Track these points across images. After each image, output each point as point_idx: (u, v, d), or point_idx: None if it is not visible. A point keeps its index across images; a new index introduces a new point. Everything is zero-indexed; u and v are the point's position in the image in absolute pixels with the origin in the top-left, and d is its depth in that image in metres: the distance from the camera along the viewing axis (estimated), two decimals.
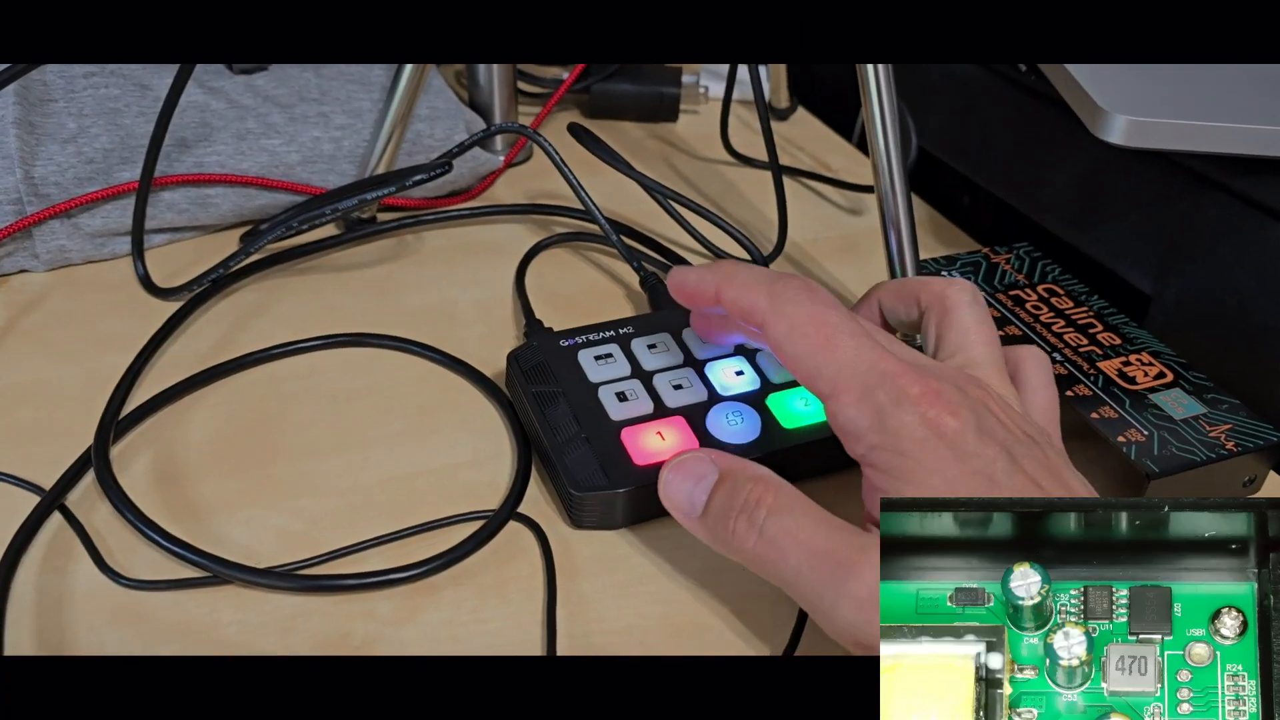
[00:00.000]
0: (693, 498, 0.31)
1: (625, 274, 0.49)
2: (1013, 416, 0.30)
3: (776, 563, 0.28)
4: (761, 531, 0.29)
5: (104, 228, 0.46)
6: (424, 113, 0.51)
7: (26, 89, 0.46)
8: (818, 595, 0.28)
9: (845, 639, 0.28)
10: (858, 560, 0.27)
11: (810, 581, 0.28)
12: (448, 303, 0.46)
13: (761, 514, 0.29)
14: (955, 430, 0.28)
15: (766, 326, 0.31)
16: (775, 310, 0.30)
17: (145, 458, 0.37)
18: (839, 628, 0.28)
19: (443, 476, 0.37)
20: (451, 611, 0.32)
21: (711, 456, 0.31)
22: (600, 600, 0.33)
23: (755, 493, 0.29)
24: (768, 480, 0.30)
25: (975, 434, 0.28)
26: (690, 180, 0.58)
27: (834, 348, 0.29)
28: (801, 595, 0.28)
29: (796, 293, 0.30)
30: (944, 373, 0.29)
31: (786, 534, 0.28)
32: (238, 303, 0.45)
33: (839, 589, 0.27)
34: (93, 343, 0.42)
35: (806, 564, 0.28)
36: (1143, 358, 0.41)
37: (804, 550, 0.28)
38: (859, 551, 0.27)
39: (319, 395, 0.40)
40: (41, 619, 0.31)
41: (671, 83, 0.63)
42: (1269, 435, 0.37)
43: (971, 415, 0.28)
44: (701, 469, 0.31)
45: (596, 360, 0.38)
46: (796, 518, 0.28)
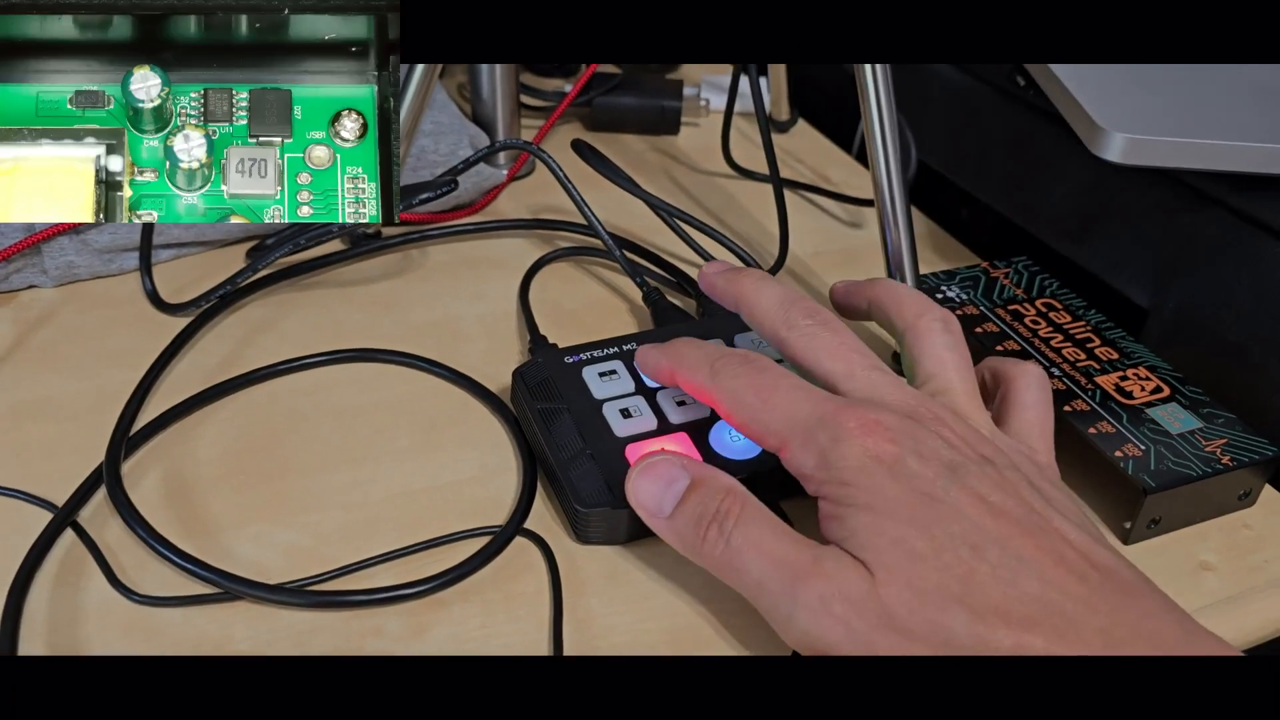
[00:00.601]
0: (661, 500, 0.32)
1: (629, 289, 0.49)
2: (969, 438, 0.31)
3: (740, 571, 0.30)
4: (729, 541, 0.30)
5: (112, 244, 0.46)
6: (428, 128, 0.52)
7: None
8: (776, 603, 0.29)
9: (802, 645, 0.29)
10: (812, 571, 0.29)
11: (770, 590, 0.30)
12: (452, 318, 0.47)
13: (730, 524, 0.30)
14: (893, 455, 0.29)
15: (715, 404, 0.33)
16: (718, 388, 0.33)
17: (155, 474, 0.37)
18: (796, 634, 0.29)
19: (449, 492, 0.38)
20: (459, 627, 0.33)
21: (682, 462, 0.32)
22: (606, 615, 0.34)
23: (726, 503, 0.31)
24: (736, 492, 0.31)
25: (914, 457, 0.29)
26: (691, 193, 0.58)
27: (772, 406, 0.31)
28: (762, 603, 0.30)
29: (735, 366, 0.33)
30: (896, 402, 0.31)
31: (750, 544, 0.30)
32: (245, 318, 0.46)
33: (794, 598, 0.29)
34: (102, 359, 0.43)
35: (766, 573, 0.30)
36: (1140, 372, 0.41)
37: (765, 560, 0.30)
38: (813, 562, 0.29)
39: (326, 411, 0.41)
40: (55, 635, 0.32)
41: (673, 96, 0.64)
42: (1265, 450, 0.38)
43: (910, 441, 0.29)
44: (672, 473, 0.32)
45: (600, 376, 0.39)
46: (760, 529, 0.30)
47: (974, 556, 0.27)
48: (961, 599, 0.27)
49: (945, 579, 0.27)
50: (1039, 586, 0.27)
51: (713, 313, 0.44)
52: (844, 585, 0.28)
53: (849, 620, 0.28)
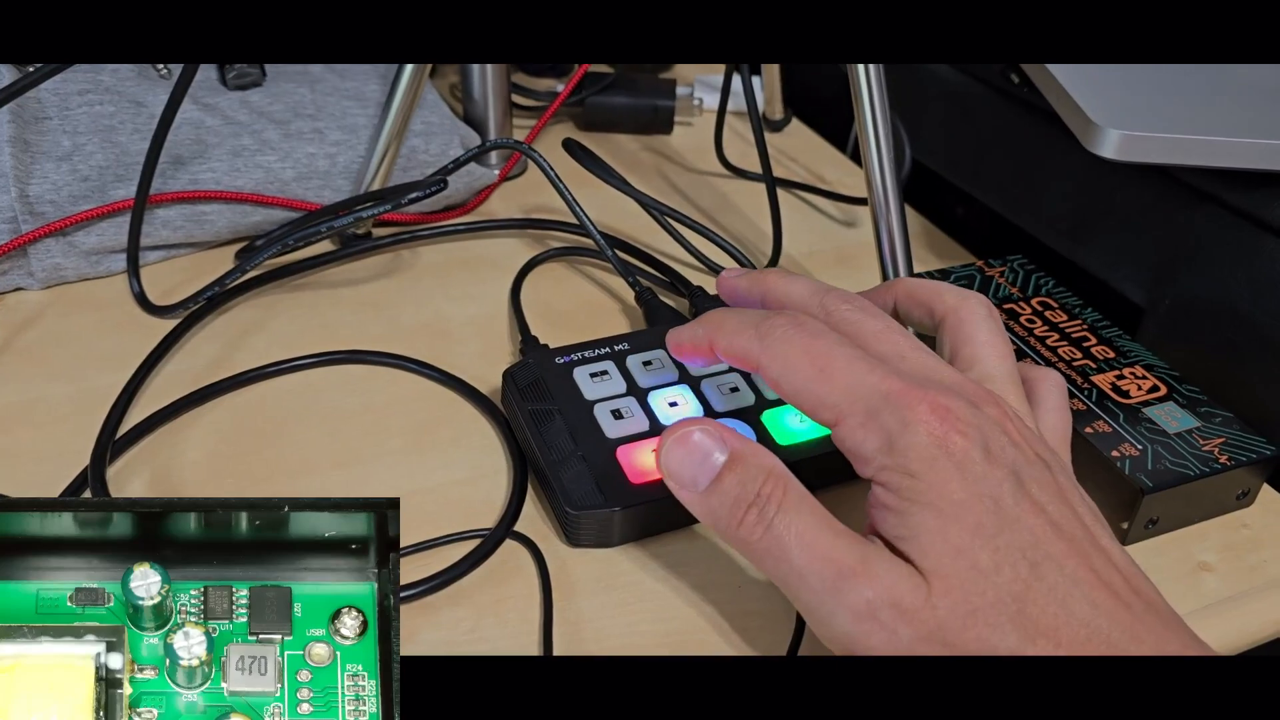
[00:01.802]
0: (696, 474, 0.30)
1: (621, 289, 0.49)
2: (1026, 435, 0.29)
3: (779, 561, 0.28)
4: (770, 527, 0.28)
5: (99, 245, 0.46)
6: (419, 128, 0.51)
7: (21, 107, 0.46)
8: (817, 601, 0.28)
9: (838, 647, 0.28)
10: (859, 571, 0.27)
11: (811, 586, 0.28)
12: (443, 319, 0.46)
13: (773, 510, 0.29)
14: (963, 450, 0.27)
15: (762, 369, 0.31)
16: (767, 351, 0.30)
17: (142, 477, 0.37)
18: (833, 635, 0.28)
19: (438, 495, 0.37)
20: (449, 631, 0.32)
21: (722, 434, 0.30)
22: (597, 618, 0.33)
23: (768, 487, 0.29)
24: (779, 474, 0.29)
25: (982, 454, 0.28)
26: (684, 193, 0.58)
27: (830, 375, 0.29)
28: (799, 598, 0.29)
29: (784, 329, 0.30)
30: (956, 386, 0.29)
31: (794, 534, 0.28)
32: (233, 320, 0.45)
33: (838, 598, 0.27)
34: (89, 361, 0.42)
35: (809, 567, 0.28)
36: (1136, 371, 0.41)
37: (809, 553, 0.28)
38: (861, 562, 0.27)
39: (315, 413, 0.40)
40: None
41: (666, 95, 0.63)
42: (1262, 449, 0.37)
43: (979, 435, 0.28)
44: (709, 445, 0.30)
45: (592, 377, 0.38)
46: (805, 518, 0.28)
47: (1032, 574, 0.26)
48: (1015, 619, 0.26)
49: (1002, 596, 0.26)
50: (1089, 612, 0.26)
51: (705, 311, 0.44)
52: (894, 591, 0.27)
53: (895, 628, 0.27)
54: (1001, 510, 0.27)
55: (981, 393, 0.30)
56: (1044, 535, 0.27)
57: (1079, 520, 0.28)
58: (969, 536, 0.27)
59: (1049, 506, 0.28)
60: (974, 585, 0.26)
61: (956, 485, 0.27)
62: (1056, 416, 0.32)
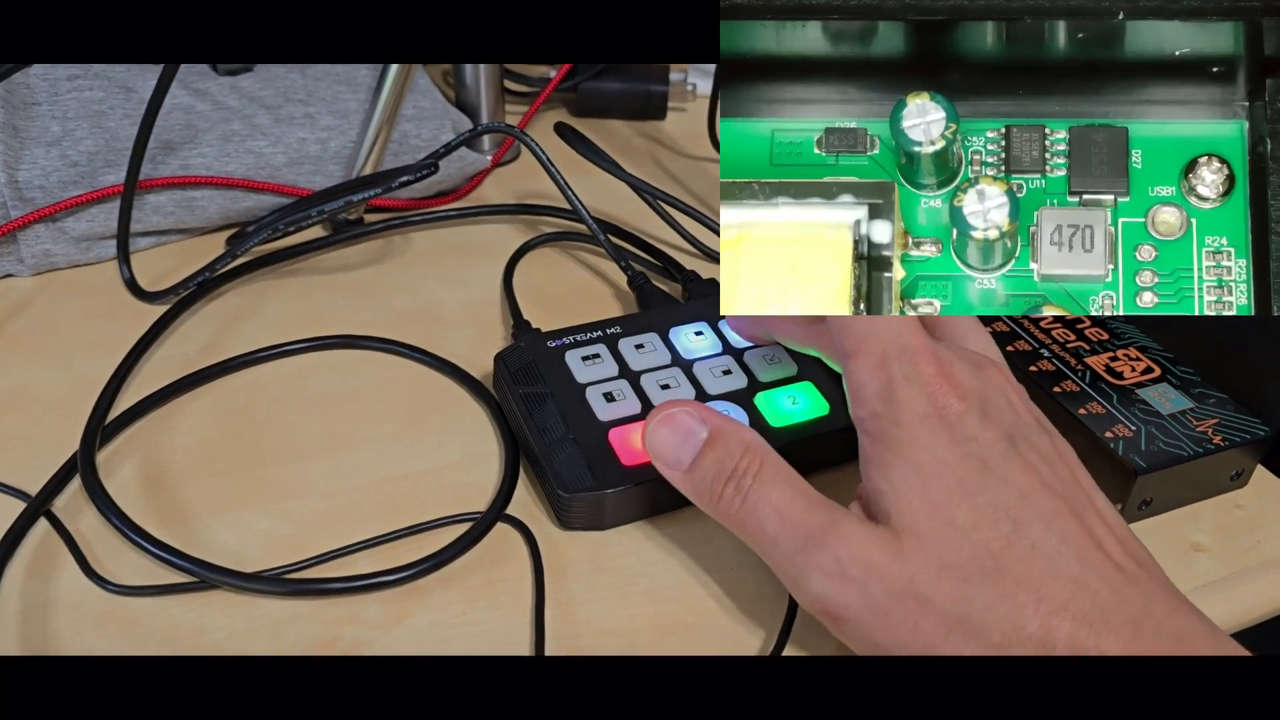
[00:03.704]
0: (679, 453, 0.31)
1: (613, 273, 0.49)
2: (1026, 402, 0.30)
3: (755, 530, 0.29)
4: (745, 498, 0.30)
5: (89, 231, 0.45)
6: (410, 113, 0.51)
7: (9, 92, 0.45)
8: (790, 564, 0.29)
9: (814, 608, 0.29)
10: (828, 533, 0.28)
11: (784, 550, 0.29)
12: (435, 304, 0.46)
13: (748, 482, 0.30)
14: (958, 412, 0.28)
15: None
16: None
17: (131, 463, 0.37)
18: (809, 597, 0.29)
19: (430, 478, 0.37)
20: (440, 614, 0.32)
21: (701, 414, 0.31)
22: (589, 601, 0.33)
23: (745, 460, 0.30)
24: (756, 447, 0.30)
25: (978, 417, 0.28)
26: (678, 178, 0.58)
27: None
28: (775, 563, 0.29)
29: None
30: (964, 354, 0.30)
31: (766, 502, 0.29)
32: (224, 306, 0.45)
33: (808, 559, 0.28)
34: (78, 347, 0.42)
35: (781, 533, 0.29)
36: (1130, 353, 0.41)
37: (780, 519, 0.29)
38: (830, 525, 0.28)
39: (306, 398, 0.40)
40: (27, 625, 0.31)
41: (659, 80, 0.63)
42: (1256, 429, 0.37)
43: (978, 399, 0.29)
44: (690, 425, 0.31)
45: (584, 361, 0.38)
46: (778, 487, 0.29)
47: (1014, 531, 0.27)
48: (992, 574, 0.26)
49: (978, 553, 0.27)
50: (1077, 568, 0.27)
51: (698, 295, 0.44)
52: (863, 549, 0.28)
53: (866, 583, 0.27)
54: (988, 469, 0.28)
55: (985, 361, 0.30)
56: (1033, 493, 0.27)
57: (1076, 483, 0.28)
58: (948, 493, 0.27)
59: (1042, 468, 0.28)
60: (948, 541, 0.27)
61: (944, 444, 0.28)
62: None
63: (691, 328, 0.40)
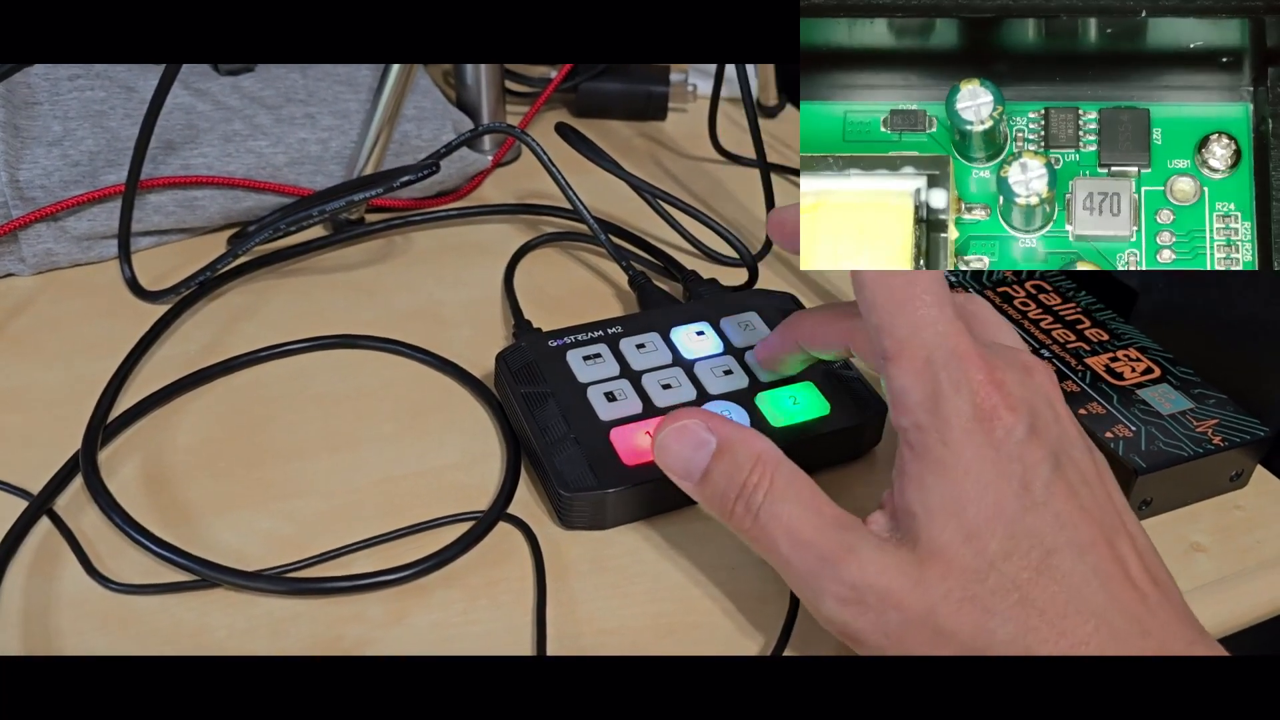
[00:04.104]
0: (690, 465, 0.30)
1: (614, 273, 0.49)
2: (1068, 411, 0.29)
3: (768, 549, 0.29)
4: (756, 518, 0.29)
5: (90, 231, 0.46)
6: (411, 113, 0.51)
7: (11, 91, 0.45)
8: (805, 586, 0.28)
9: (833, 629, 0.28)
10: (843, 557, 0.27)
11: (798, 572, 0.28)
12: (436, 304, 0.46)
13: (759, 499, 0.29)
14: (1007, 426, 0.27)
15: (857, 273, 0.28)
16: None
17: (133, 462, 0.37)
18: (824, 619, 0.28)
19: (432, 478, 0.37)
20: (441, 613, 0.32)
21: (709, 424, 0.30)
22: (590, 600, 0.33)
23: (755, 474, 0.29)
24: (767, 459, 0.29)
25: (1026, 433, 0.27)
26: (678, 178, 0.58)
27: (913, 307, 0.28)
28: (791, 582, 0.29)
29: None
30: (1012, 358, 0.29)
31: (778, 522, 0.28)
32: (225, 305, 0.45)
33: (823, 583, 0.27)
34: (80, 347, 0.42)
35: (794, 555, 0.28)
36: (1130, 353, 0.41)
37: (792, 541, 0.28)
38: (844, 550, 0.27)
39: (307, 397, 0.40)
40: (29, 624, 0.31)
41: (659, 81, 0.63)
42: (1256, 430, 0.37)
43: (1027, 412, 0.27)
44: (700, 435, 0.30)
45: (585, 360, 0.38)
46: (790, 505, 0.28)
47: (1044, 561, 0.26)
48: (1015, 606, 0.26)
49: (1004, 584, 0.26)
50: (1102, 601, 0.26)
51: (699, 296, 0.44)
52: (881, 576, 0.27)
53: (883, 612, 0.26)
54: (1029, 494, 0.27)
55: (1033, 363, 0.29)
56: (1070, 521, 0.27)
57: (1111, 505, 0.28)
58: (985, 521, 0.26)
59: (1081, 490, 0.27)
60: (976, 571, 0.26)
61: (988, 465, 0.27)
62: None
63: (693, 327, 0.40)
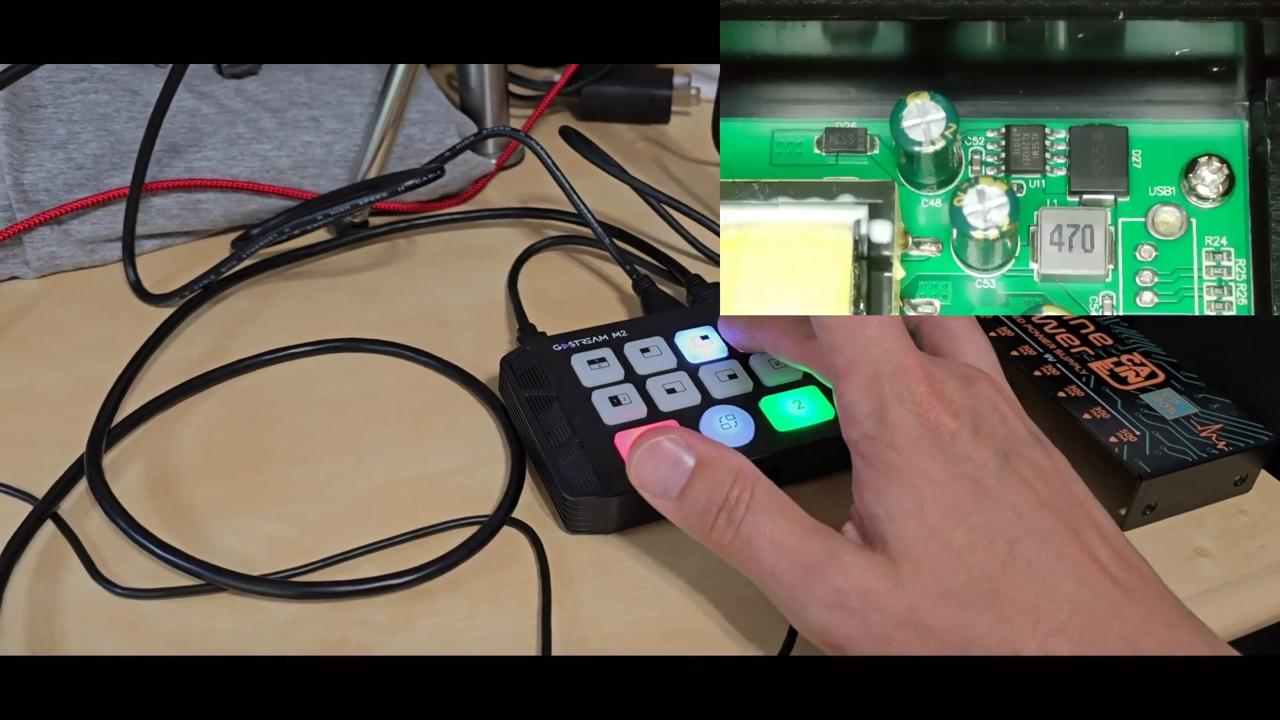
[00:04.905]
0: (667, 482, 0.31)
1: (618, 277, 0.49)
2: (1019, 414, 0.30)
3: (751, 562, 0.29)
4: (739, 530, 0.29)
5: (95, 234, 0.46)
6: (415, 116, 0.51)
7: (15, 95, 0.45)
8: (789, 596, 0.29)
9: (816, 639, 0.29)
10: (827, 563, 0.28)
11: (782, 582, 0.29)
12: (440, 307, 0.46)
13: (741, 512, 0.29)
14: (951, 431, 0.28)
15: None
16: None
17: (138, 465, 0.37)
18: (809, 628, 0.28)
19: (436, 482, 0.37)
20: (446, 617, 0.32)
21: (687, 441, 0.31)
22: (595, 605, 0.33)
23: (735, 489, 0.29)
24: (746, 475, 0.30)
25: (971, 434, 0.28)
26: (682, 182, 0.58)
27: (861, 328, 0.29)
28: (774, 594, 0.29)
29: None
30: (955, 369, 0.30)
31: (761, 534, 0.29)
32: (230, 309, 0.45)
33: (807, 591, 0.28)
34: (84, 350, 0.42)
35: (778, 565, 0.28)
36: (1134, 358, 0.41)
37: (776, 551, 0.29)
38: (828, 555, 0.28)
39: (311, 401, 0.40)
40: (34, 628, 0.31)
41: (663, 84, 0.63)
42: (1260, 434, 0.37)
43: (971, 416, 0.28)
44: (676, 453, 0.31)
45: (590, 364, 0.38)
46: (773, 517, 0.29)
47: (1009, 552, 0.27)
48: (988, 598, 0.26)
49: (975, 576, 0.26)
50: (1073, 587, 0.26)
51: (703, 300, 0.44)
52: (862, 579, 0.27)
53: (866, 615, 0.27)
54: (982, 490, 0.27)
55: (975, 374, 0.30)
56: (1028, 511, 0.27)
57: (1070, 495, 0.28)
58: (943, 517, 0.27)
59: (1035, 483, 0.28)
60: (945, 566, 0.27)
61: (938, 465, 0.28)
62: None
63: (697, 332, 0.40)
